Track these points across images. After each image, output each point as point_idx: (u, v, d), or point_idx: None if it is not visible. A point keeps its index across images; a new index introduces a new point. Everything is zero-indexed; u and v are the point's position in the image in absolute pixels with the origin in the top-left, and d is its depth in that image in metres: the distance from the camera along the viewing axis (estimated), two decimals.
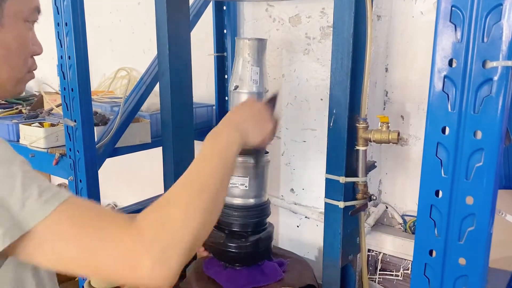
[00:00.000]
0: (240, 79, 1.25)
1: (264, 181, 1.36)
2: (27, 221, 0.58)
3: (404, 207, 1.57)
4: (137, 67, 2.32)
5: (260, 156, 1.20)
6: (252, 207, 1.34)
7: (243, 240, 1.32)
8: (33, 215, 0.58)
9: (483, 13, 0.65)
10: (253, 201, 1.34)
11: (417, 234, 0.76)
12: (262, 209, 1.37)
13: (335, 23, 1.12)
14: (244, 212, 1.33)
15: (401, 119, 1.50)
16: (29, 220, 0.58)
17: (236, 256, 1.31)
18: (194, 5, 1.74)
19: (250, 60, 1.24)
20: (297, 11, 1.65)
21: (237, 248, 1.31)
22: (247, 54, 1.24)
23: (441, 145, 0.71)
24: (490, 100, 0.66)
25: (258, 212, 1.35)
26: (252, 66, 1.25)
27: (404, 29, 1.45)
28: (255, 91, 1.26)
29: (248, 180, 1.31)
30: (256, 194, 1.34)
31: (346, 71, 1.12)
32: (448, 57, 0.69)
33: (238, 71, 1.26)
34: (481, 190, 0.68)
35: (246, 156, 1.27)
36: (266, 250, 1.39)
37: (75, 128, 1.45)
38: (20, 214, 0.57)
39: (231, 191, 1.32)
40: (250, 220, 1.34)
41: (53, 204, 0.59)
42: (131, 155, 1.74)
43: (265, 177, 1.36)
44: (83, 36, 1.41)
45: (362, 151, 1.14)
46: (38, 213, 0.58)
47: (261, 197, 1.36)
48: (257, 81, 1.26)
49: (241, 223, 1.33)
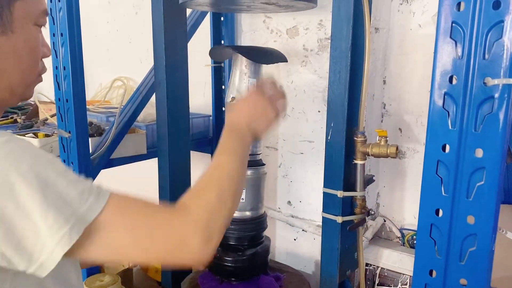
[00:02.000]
0: (237, 91, 1.24)
1: (260, 193, 1.34)
2: (87, 215, 0.60)
3: (402, 221, 1.55)
4: (133, 76, 2.31)
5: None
6: (249, 220, 1.32)
7: (239, 254, 1.30)
8: (91, 209, 0.60)
9: (484, 29, 0.64)
10: (249, 214, 1.32)
11: (417, 253, 0.75)
12: (259, 222, 1.35)
13: (333, 36, 1.12)
14: (240, 225, 1.31)
15: (399, 131, 1.49)
16: (89, 215, 0.60)
17: (233, 271, 1.29)
18: (192, 16, 1.74)
19: (247, 72, 1.23)
20: (295, 23, 1.65)
21: (234, 262, 1.29)
22: (244, 66, 1.23)
23: (441, 163, 0.70)
24: (491, 118, 0.65)
25: (255, 225, 1.33)
26: (249, 78, 1.24)
27: (402, 41, 1.44)
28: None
29: (245, 192, 1.29)
30: (253, 207, 1.32)
31: (344, 84, 1.12)
32: (448, 74, 0.68)
33: (235, 83, 1.25)
34: (483, 210, 0.67)
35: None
36: (263, 264, 1.37)
37: (70, 140, 1.43)
38: (80, 209, 0.59)
39: None
40: (246, 234, 1.32)
41: (104, 198, 0.62)
42: (126, 165, 1.72)
43: (262, 190, 1.34)
44: (78, 46, 1.39)
45: (360, 165, 1.13)
46: (94, 207, 0.61)
47: (257, 210, 1.34)
48: None
49: (237, 237, 1.31)
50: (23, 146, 0.61)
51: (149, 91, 1.67)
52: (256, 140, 0.92)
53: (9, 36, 0.68)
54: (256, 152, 1.31)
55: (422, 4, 1.38)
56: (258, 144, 1.31)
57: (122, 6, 2.36)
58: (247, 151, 0.88)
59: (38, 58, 0.75)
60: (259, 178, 1.31)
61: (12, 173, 0.57)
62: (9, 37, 0.68)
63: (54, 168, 0.61)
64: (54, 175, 0.60)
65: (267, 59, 1.28)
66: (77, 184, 0.61)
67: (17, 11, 0.68)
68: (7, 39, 0.68)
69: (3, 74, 0.69)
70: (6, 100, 0.73)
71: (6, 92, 0.71)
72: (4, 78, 0.70)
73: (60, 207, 0.58)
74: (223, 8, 1.49)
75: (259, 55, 1.26)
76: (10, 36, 0.68)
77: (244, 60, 1.22)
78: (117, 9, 2.40)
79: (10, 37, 0.68)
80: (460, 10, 0.66)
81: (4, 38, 0.68)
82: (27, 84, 0.74)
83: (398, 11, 1.43)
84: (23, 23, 0.70)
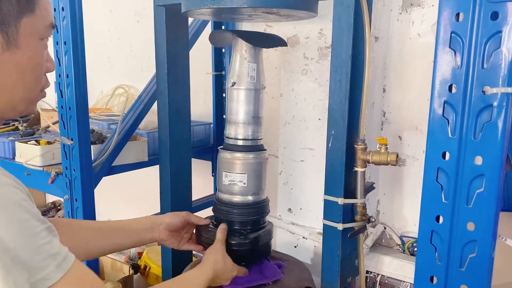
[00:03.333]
0: (237, 76, 1.25)
1: (262, 178, 1.33)
2: (42, 284, 0.62)
3: (402, 228, 1.56)
4: (135, 84, 2.33)
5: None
6: (251, 205, 1.31)
7: (242, 238, 1.28)
8: (45, 279, 0.62)
9: (483, 39, 0.65)
10: (251, 198, 1.31)
11: (418, 259, 0.75)
12: (261, 207, 1.33)
13: (333, 45, 1.13)
14: (243, 209, 1.30)
15: (399, 139, 1.50)
16: (44, 283, 0.62)
17: (235, 254, 1.27)
18: (193, 24, 1.76)
19: (247, 56, 1.23)
20: (296, 31, 1.67)
21: (236, 246, 1.27)
22: (244, 50, 1.23)
23: (441, 170, 0.71)
24: (490, 126, 0.66)
25: (257, 210, 1.32)
26: (249, 63, 1.24)
27: (401, 50, 1.46)
28: (253, 87, 1.25)
29: (246, 176, 1.28)
30: (255, 191, 1.31)
31: (345, 93, 1.13)
32: (448, 83, 0.69)
33: (235, 68, 1.25)
34: (483, 217, 0.68)
35: (245, 151, 1.27)
36: (266, 248, 1.35)
37: (72, 147, 1.44)
38: (35, 277, 0.61)
39: (230, 189, 1.30)
40: (249, 218, 1.30)
41: (64, 269, 0.64)
42: (128, 172, 1.73)
43: (264, 174, 1.33)
44: (81, 55, 1.41)
45: (361, 173, 1.14)
46: (50, 276, 0.62)
47: (259, 195, 1.33)
48: (255, 78, 1.25)
49: (239, 221, 1.30)
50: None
51: (151, 99, 1.69)
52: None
53: (14, 52, 0.67)
54: (258, 137, 1.30)
55: (421, 14, 1.40)
56: (259, 129, 1.31)
57: (124, 15, 2.38)
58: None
59: (42, 74, 0.74)
60: (261, 163, 1.30)
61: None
62: (14, 53, 0.67)
63: (23, 233, 0.61)
64: (21, 241, 0.60)
65: (267, 43, 1.28)
66: (41, 250, 0.62)
67: (24, 28, 0.68)
68: (12, 54, 0.67)
69: (5, 89, 0.69)
70: (5, 113, 0.72)
71: (7, 107, 0.71)
72: (6, 94, 0.69)
73: (15, 275, 0.59)
74: (224, 17, 1.50)
75: (259, 39, 1.25)
76: (15, 52, 0.67)
77: (244, 44, 1.22)
78: (119, 17, 2.43)
79: (15, 53, 0.68)
80: (459, 21, 0.67)
81: (8, 54, 0.67)
82: (29, 100, 0.74)
83: (397, 20, 1.45)
84: (29, 39, 0.69)
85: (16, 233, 0.60)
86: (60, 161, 1.54)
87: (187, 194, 1.56)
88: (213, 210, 1.34)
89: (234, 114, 1.27)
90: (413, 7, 1.42)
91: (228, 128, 1.29)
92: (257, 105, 1.27)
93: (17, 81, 0.69)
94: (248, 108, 1.25)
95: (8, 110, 0.72)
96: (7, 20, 0.66)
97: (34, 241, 0.62)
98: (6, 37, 0.66)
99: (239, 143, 1.27)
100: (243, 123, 1.26)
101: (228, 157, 1.27)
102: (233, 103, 1.27)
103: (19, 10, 0.67)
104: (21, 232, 0.61)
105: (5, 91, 0.69)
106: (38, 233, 0.63)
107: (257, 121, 1.28)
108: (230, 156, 1.26)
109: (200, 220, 1.29)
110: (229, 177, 1.28)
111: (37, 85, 0.74)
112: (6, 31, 0.66)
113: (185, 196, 1.54)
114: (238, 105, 1.26)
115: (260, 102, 1.28)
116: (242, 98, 1.25)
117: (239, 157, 1.27)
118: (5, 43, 0.66)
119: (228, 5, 1.09)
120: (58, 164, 1.56)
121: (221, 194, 1.31)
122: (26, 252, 0.60)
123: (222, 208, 1.29)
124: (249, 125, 1.26)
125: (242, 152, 1.27)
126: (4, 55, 0.67)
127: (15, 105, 0.72)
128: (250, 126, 1.27)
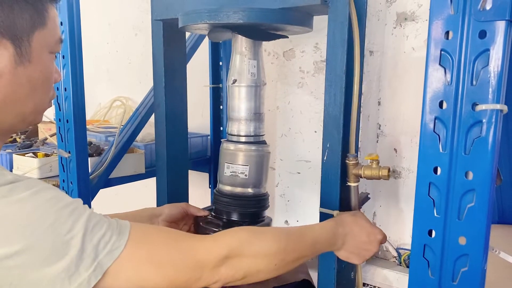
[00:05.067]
0: (238, 73, 1.26)
1: (264, 171, 1.33)
2: (107, 259, 0.64)
3: (399, 240, 1.57)
4: (133, 96, 2.34)
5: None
6: (251, 197, 1.31)
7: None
8: (111, 252, 0.64)
9: (472, 57, 0.67)
10: (252, 191, 1.31)
11: (411, 273, 0.76)
12: (261, 200, 1.33)
13: (328, 59, 1.15)
14: (243, 201, 1.30)
15: (394, 152, 1.51)
16: (109, 258, 0.64)
17: None
18: (191, 38, 1.78)
19: (247, 54, 1.24)
20: (291, 45, 1.69)
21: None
22: (244, 48, 1.24)
23: (433, 185, 0.72)
24: (480, 141, 0.67)
25: (256, 203, 1.32)
26: (249, 60, 1.25)
27: (396, 64, 1.48)
28: (253, 84, 1.26)
29: (248, 168, 1.29)
30: (256, 184, 1.31)
31: (339, 106, 1.14)
32: (438, 99, 0.70)
33: (235, 66, 1.26)
34: (474, 231, 0.69)
35: (248, 143, 1.28)
36: None
37: (69, 159, 1.45)
38: (101, 254, 0.64)
39: (231, 180, 1.30)
40: (248, 210, 1.31)
41: (125, 235, 0.66)
42: (125, 184, 1.73)
43: (266, 168, 1.34)
44: (80, 68, 1.42)
45: (354, 187, 1.15)
46: (115, 246, 0.65)
47: (260, 188, 1.34)
48: (255, 74, 1.26)
49: (239, 213, 1.30)
50: (49, 198, 0.64)
51: (148, 112, 1.70)
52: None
53: (26, 66, 0.69)
54: (260, 133, 1.31)
55: (414, 28, 1.42)
56: (261, 125, 1.32)
57: (122, 28, 2.40)
58: (321, 251, 0.98)
59: (51, 86, 0.76)
60: (263, 156, 1.30)
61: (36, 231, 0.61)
62: (26, 67, 0.69)
63: (75, 218, 0.64)
64: (76, 227, 0.63)
65: (266, 36, 1.27)
66: (96, 230, 0.65)
67: (36, 42, 0.69)
68: (24, 68, 0.69)
69: (16, 102, 0.70)
70: (15, 125, 0.74)
71: (17, 119, 0.72)
72: (17, 107, 0.71)
73: (80, 257, 0.62)
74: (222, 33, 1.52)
75: (258, 33, 1.25)
76: (27, 66, 0.69)
77: (244, 41, 1.23)
78: (117, 30, 2.45)
79: (27, 67, 0.69)
80: (449, 39, 0.69)
81: (22, 68, 0.68)
82: (38, 111, 0.75)
83: (392, 34, 1.47)
84: (40, 53, 0.70)
85: (67, 221, 0.64)
86: (57, 174, 1.54)
87: None
88: (213, 202, 1.35)
89: (236, 112, 1.28)
90: (407, 21, 1.44)
91: (231, 125, 1.30)
92: (258, 102, 1.28)
93: (29, 94, 0.71)
94: (249, 105, 1.26)
95: (17, 122, 0.73)
96: (20, 35, 0.67)
97: (89, 220, 0.65)
98: (19, 51, 0.67)
99: (241, 140, 1.28)
100: (245, 120, 1.27)
101: (232, 148, 1.28)
102: (234, 101, 1.28)
103: (32, 24, 0.68)
104: (74, 218, 0.65)
105: (16, 104, 0.70)
106: (89, 215, 0.67)
107: (258, 117, 1.29)
108: (234, 147, 1.27)
109: (199, 211, 1.30)
110: (231, 168, 1.28)
111: (47, 97, 0.75)
112: (19, 45, 0.67)
113: None
114: (240, 102, 1.27)
115: (261, 99, 1.29)
116: (244, 95, 1.26)
117: (242, 149, 1.28)
118: (18, 57, 0.68)
119: (225, 20, 1.11)
120: (56, 177, 1.57)
121: (221, 185, 1.32)
122: (84, 236, 0.64)
123: (222, 199, 1.30)
124: (251, 122, 1.27)
125: (245, 144, 1.28)
126: (17, 69, 0.68)
127: (25, 117, 0.73)
128: (252, 122, 1.28)
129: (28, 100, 0.71)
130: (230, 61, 1.29)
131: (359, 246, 0.98)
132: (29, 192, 0.62)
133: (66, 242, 0.62)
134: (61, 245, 0.61)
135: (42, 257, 0.60)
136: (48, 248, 0.60)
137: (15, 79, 0.68)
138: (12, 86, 0.68)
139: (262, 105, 1.30)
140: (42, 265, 0.60)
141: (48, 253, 0.60)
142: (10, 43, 0.66)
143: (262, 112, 1.30)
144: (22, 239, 0.59)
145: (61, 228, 0.62)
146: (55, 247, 0.61)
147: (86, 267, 0.62)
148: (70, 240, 0.62)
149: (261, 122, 1.31)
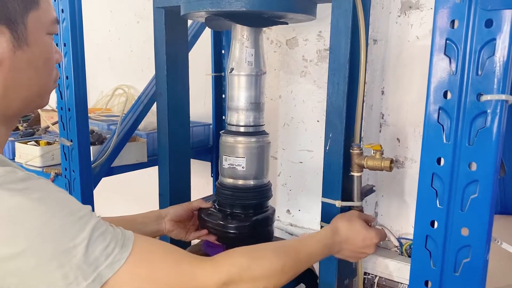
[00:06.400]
0: (236, 62, 1.25)
1: (263, 162, 1.33)
2: (107, 271, 0.63)
3: (400, 230, 1.57)
4: (135, 85, 2.33)
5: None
6: (252, 188, 1.31)
7: (243, 221, 1.28)
8: (112, 264, 0.64)
9: (477, 47, 0.66)
10: (253, 182, 1.31)
11: (413, 264, 0.76)
12: (263, 191, 1.33)
13: (331, 48, 1.13)
14: (244, 193, 1.30)
15: (397, 141, 1.50)
16: (109, 271, 0.64)
17: (237, 238, 1.28)
18: (193, 26, 1.76)
19: (245, 42, 1.23)
20: (294, 34, 1.67)
21: (237, 229, 1.27)
22: (242, 36, 1.23)
23: (436, 175, 0.72)
24: (484, 132, 0.67)
25: (258, 194, 1.32)
26: (247, 48, 1.24)
27: (400, 53, 1.46)
28: (252, 73, 1.24)
29: (245, 160, 1.28)
30: (257, 175, 1.31)
31: (342, 96, 1.13)
32: (443, 89, 0.69)
33: (235, 54, 1.24)
34: (477, 222, 0.68)
35: (247, 134, 1.27)
36: (267, 232, 1.35)
37: (71, 148, 1.45)
38: (102, 266, 0.63)
39: (230, 172, 1.30)
40: (250, 202, 1.31)
41: (128, 249, 0.66)
42: (127, 173, 1.73)
43: (265, 158, 1.33)
44: (81, 57, 1.41)
45: (357, 177, 1.14)
46: (117, 258, 0.64)
47: (262, 179, 1.34)
48: (252, 63, 1.24)
49: (241, 205, 1.30)
50: (58, 202, 0.64)
51: (150, 100, 1.69)
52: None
53: (25, 49, 0.68)
54: (259, 123, 1.30)
55: (419, 17, 1.40)
56: (261, 115, 1.31)
57: (124, 15, 2.39)
58: (316, 260, 1.01)
59: (53, 66, 0.75)
60: (264, 146, 1.30)
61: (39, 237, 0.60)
62: (25, 51, 0.68)
63: (81, 227, 0.64)
64: (80, 235, 0.63)
65: (265, 22, 1.25)
66: (100, 240, 0.64)
67: (31, 23, 0.68)
68: (23, 52, 0.68)
69: (21, 87, 0.69)
70: (22, 110, 0.74)
71: (23, 103, 0.72)
72: (22, 92, 0.70)
73: (80, 267, 0.62)
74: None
75: (257, 20, 1.23)
76: (25, 49, 0.68)
77: (244, 30, 1.22)
78: (119, 18, 2.43)
79: (26, 51, 0.68)
80: (454, 28, 0.67)
81: (20, 52, 0.68)
82: (44, 93, 0.75)
83: (396, 23, 1.45)
84: (37, 35, 0.70)
85: (73, 227, 0.64)
86: (59, 162, 1.55)
87: (186, 195, 1.56)
88: (215, 194, 1.35)
89: (234, 101, 1.27)
90: (412, 10, 1.42)
91: (230, 115, 1.29)
92: (257, 91, 1.26)
93: (32, 78, 0.71)
94: (248, 94, 1.25)
95: (24, 107, 0.73)
96: (14, 18, 0.66)
97: (95, 229, 0.65)
98: (16, 35, 0.67)
99: (240, 130, 1.28)
100: (244, 109, 1.26)
101: (229, 140, 1.27)
102: (233, 90, 1.27)
103: (24, 6, 0.68)
104: (79, 225, 0.65)
105: (21, 89, 0.70)
106: (95, 224, 0.66)
107: (258, 107, 1.28)
108: (231, 139, 1.27)
109: (202, 203, 1.31)
110: (229, 160, 1.28)
111: (50, 78, 0.75)
112: (15, 29, 0.67)
113: (184, 197, 1.55)
114: (239, 92, 1.25)
115: (261, 88, 1.27)
116: (242, 84, 1.25)
117: (239, 141, 1.27)
118: (16, 41, 0.67)
119: (227, 8, 1.10)
120: (58, 165, 1.57)
121: (221, 177, 1.32)
122: (87, 246, 0.63)
123: (223, 191, 1.30)
124: (250, 112, 1.27)
125: (243, 136, 1.27)
126: (16, 54, 0.67)
127: (31, 101, 0.73)
128: (251, 112, 1.27)
129: (32, 83, 0.71)
130: (229, 49, 1.28)
131: (355, 250, 1.03)
132: (40, 194, 0.62)
133: (68, 250, 0.61)
134: (63, 252, 0.61)
135: (42, 262, 0.60)
136: (49, 254, 0.60)
137: (15, 64, 0.68)
138: (13, 71, 0.68)
139: (262, 94, 1.29)
140: (41, 270, 0.60)
141: (49, 259, 0.60)
142: (6, 28, 0.66)
143: (261, 101, 1.29)
144: (25, 241, 0.59)
145: (65, 235, 0.62)
146: (56, 254, 0.60)
147: (85, 277, 0.62)
148: (72, 248, 0.61)
149: (261, 112, 1.30)
